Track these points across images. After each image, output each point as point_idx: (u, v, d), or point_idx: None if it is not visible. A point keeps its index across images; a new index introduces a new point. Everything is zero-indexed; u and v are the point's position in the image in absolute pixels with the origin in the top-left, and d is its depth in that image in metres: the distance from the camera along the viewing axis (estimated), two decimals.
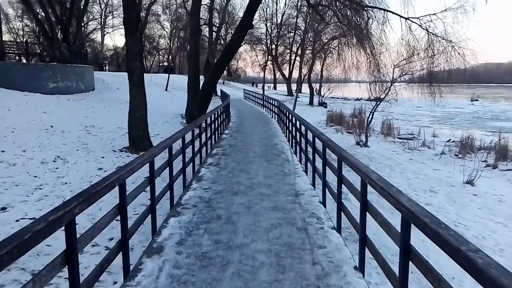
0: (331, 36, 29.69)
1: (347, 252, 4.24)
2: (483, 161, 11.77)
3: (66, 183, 7.70)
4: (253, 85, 69.77)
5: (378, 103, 15.22)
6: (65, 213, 2.60)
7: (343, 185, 4.91)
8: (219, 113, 12.77)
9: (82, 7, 26.70)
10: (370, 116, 15.41)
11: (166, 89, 29.91)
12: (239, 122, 17.62)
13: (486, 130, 21.35)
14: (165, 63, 54.83)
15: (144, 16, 27.79)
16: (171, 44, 46.01)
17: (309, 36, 33.03)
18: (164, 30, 47.91)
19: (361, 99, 30.72)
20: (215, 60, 20.52)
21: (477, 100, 52.00)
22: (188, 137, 7.71)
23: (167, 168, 5.81)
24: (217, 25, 36.99)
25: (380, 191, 3.34)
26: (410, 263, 2.89)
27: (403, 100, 24.51)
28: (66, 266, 2.72)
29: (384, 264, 3.44)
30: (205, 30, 35.00)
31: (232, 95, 27.46)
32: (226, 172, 7.73)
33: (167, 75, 32.57)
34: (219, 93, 33.69)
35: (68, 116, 13.80)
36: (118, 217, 3.80)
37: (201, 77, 18.75)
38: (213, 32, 36.44)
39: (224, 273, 3.69)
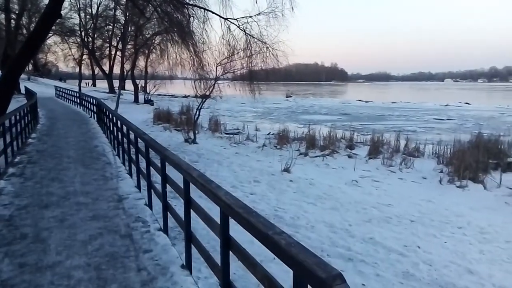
0: (153, 32, 29.04)
1: (175, 252, 4.20)
2: (296, 150, 13.31)
3: None
4: (61, 81, 61.78)
5: (204, 100, 15.65)
6: None
7: (168, 185, 4.82)
8: (22, 114, 10.96)
9: None
10: (197, 113, 15.75)
11: None
12: (50, 124, 15.58)
13: (299, 122, 24.44)
14: None
15: None
16: None
17: (130, 30, 31.56)
18: None
19: (188, 96, 31.18)
20: (16, 52, 17.52)
21: (291, 96, 59.60)
22: None
23: None
24: (17, 12, 31.75)
25: (201, 188, 3.37)
26: (231, 253, 2.99)
27: (228, 97, 25.94)
28: None
29: (208, 258, 3.51)
30: (1, 17, 29.66)
31: (41, 93, 24.17)
32: (33, 183, 6.67)
33: None
34: (23, 91, 29.05)
35: None
36: None
37: None
38: (12, 20, 31.14)
39: None
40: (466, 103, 47.04)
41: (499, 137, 12.56)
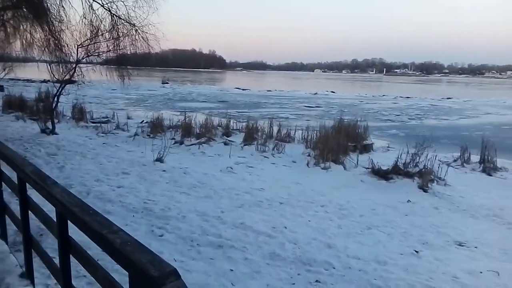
0: (1, 6, 24.86)
1: (14, 260, 3.63)
2: (171, 139, 12.83)
3: None
4: None
5: (63, 85, 13.97)
6: None
7: (4, 183, 4.09)
8: None
9: None
10: (56, 100, 14.05)
11: None
12: None
13: (175, 110, 23.70)
14: None
15: None
16: None
17: None
18: None
19: (48, 81, 27.78)
20: None
21: (167, 83, 57.72)
22: None
23: None
24: None
25: (34, 185, 2.86)
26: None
27: (97, 82, 23.74)
28: None
29: (49, 263, 3.06)
30: None
31: None
32: None
33: None
34: None
35: None
36: None
37: None
38: None
39: None
40: (332, 91, 52.11)
41: (357, 122, 14.05)
